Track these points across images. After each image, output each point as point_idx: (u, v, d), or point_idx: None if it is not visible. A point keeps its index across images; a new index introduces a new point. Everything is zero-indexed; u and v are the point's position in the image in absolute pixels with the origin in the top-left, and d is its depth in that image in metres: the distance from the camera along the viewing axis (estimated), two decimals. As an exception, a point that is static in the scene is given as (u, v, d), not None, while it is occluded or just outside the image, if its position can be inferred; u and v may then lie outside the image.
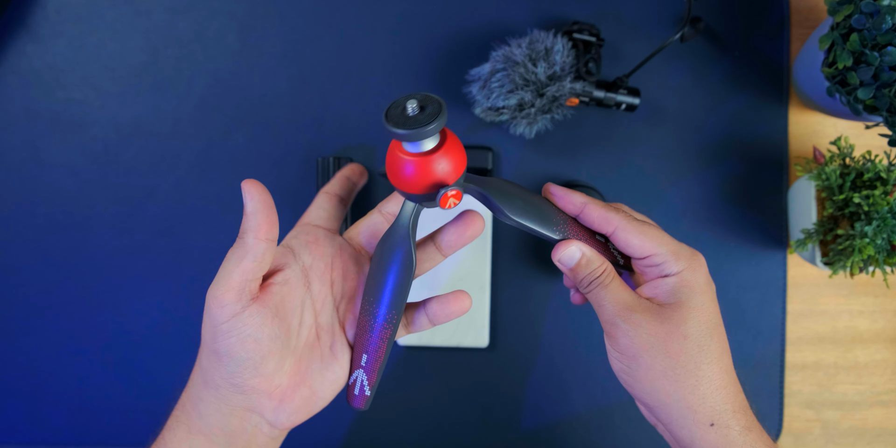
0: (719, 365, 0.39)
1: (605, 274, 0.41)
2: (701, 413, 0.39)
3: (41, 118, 0.66)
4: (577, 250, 0.41)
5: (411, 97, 0.34)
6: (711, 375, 0.39)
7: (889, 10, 0.50)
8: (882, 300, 0.68)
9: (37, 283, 0.66)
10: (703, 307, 0.39)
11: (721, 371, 0.39)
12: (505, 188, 0.41)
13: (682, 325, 0.39)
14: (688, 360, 0.38)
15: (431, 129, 0.33)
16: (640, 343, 0.39)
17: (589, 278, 0.41)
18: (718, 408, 0.39)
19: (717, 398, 0.39)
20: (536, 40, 0.60)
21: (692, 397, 0.39)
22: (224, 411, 0.38)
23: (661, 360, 0.38)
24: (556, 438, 0.66)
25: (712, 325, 0.39)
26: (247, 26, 0.66)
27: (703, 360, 0.39)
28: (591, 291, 0.41)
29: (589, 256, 0.41)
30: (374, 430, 0.66)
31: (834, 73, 0.55)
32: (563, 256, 0.41)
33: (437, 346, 0.65)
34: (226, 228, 0.66)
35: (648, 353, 0.38)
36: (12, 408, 0.66)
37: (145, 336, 0.66)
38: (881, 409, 0.68)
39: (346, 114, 0.66)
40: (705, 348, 0.39)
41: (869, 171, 0.59)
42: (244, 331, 0.37)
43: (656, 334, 0.38)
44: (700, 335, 0.39)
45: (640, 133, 0.66)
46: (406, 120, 0.34)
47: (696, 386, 0.39)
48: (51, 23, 0.66)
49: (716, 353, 0.39)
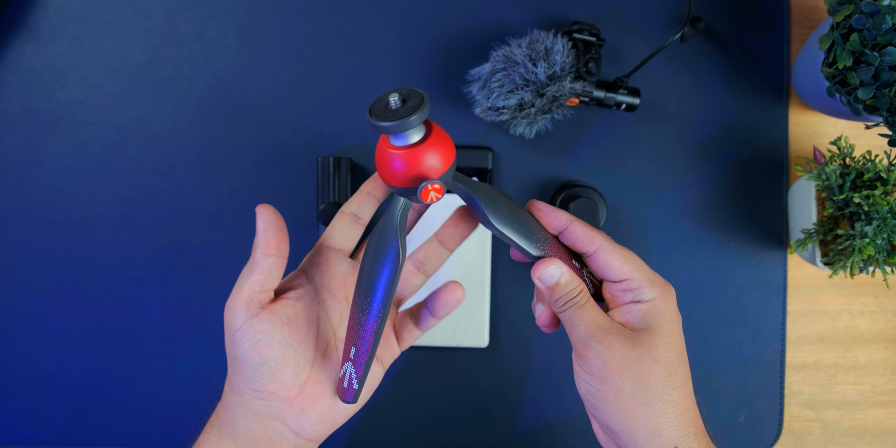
0: (684, 390, 0.41)
1: (581, 294, 0.41)
2: (666, 436, 0.40)
3: (41, 118, 0.66)
4: (558, 269, 0.41)
5: (394, 91, 0.35)
6: (677, 400, 0.40)
7: (889, 10, 0.50)
8: (882, 300, 0.68)
9: (37, 283, 0.66)
10: (672, 335, 0.41)
11: (686, 396, 0.41)
12: (493, 194, 0.41)
13: (654, 350, 0.40)
14: (657, 383, 0.39)
15: (412, 120, 0.33)
16: (612, 365, 0.39)
17: (566, 298, 0.41)
18: (682, 431, 0.40)
19: (680, 422, 0.40)
20: (536, 40, 0.60)
21: (658, 421, 0.39)
22: (249, 417, 0.41)
23: (631, 383, 0.39)
24: (555, 438, 0.66)
25: (679, 352, 0.41)
26: (247, 26, 0.66)
27: (670, 384, 0.40)
28: (566, 311, 0.41)
29: (568, 276, 0.41)
30: (375, 430, 0.66)
31: (834, 73, 0.55)
32: (544, 274, 0.41)
33: (437, 346, 0.65)
34: (226, 228, 0.66)
35: (619, 375, 0.39)
36: (12, 408, 0.66)
37: (145, 336, 0.66)
38: (881, 409, 0.68)
39: (346, 114, 0.66)
40: (673, 374, 0.40)
41: (869, 171, 0.59)
42: (255, 336, 0.39)
43: (628, 357, 0.39)
44: (669, 361, 0.40)
45: (640, 133, 0.66)
46: (387, 113, 0.34)
47: (662, 410, 0.40)
48: (51, 23, 0.66)
49: (682, 379, 0.41)
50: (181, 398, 0.66)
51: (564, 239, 0.42)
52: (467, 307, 0.65)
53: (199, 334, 0.66)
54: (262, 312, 0.40)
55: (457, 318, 0.65)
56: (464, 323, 0.65)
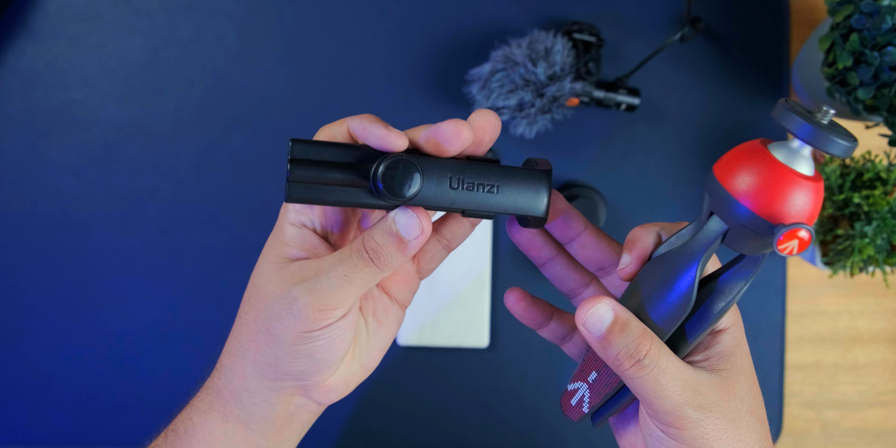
0: (769, 439, 0.34)
1: (654, 349, 0.31)
2: None
3: (41, 118, 0.66)
4: (609, 309, 0.31)
5: (824, 105, 0.28)
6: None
7: (889, 10, 0.50)
8: (882, 300, 0.68)
9: (37, 283, 0.66)
10: (752, 372, 0.34)
11: (769, 444, 0.34)
12: None
13: (746, 399, 0.32)
14: (754, 440, 0.32)
15: (854, 146, 0.27)
16: (713, 431, 0.31)
17: (631, 354, 0.31)
18: None
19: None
20: (536, 40, 0.60)
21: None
22: (272, 401, 0.36)
23: (732, 445, 0.32)
24: (555, 438, 0.66)
25: (759, 391, 0.34)
26: (247, 26, 0.66)
27: (762, 435, 0.33)
28: (640, 377, 0.31)
29: (624, 319, 0.31)
30: (375, 430, 0.66)
31: (834, 73, 0.55)
32: (589, 319, 0.31)
33: (437, 346, 0.65)
34: (226, 228, 0.66)
35: (720, 440, 0.31)
36: (12, 408, 0.66)
37: (145, 336, 0.66)
38: (881, 409, 0.68)
39: (346, 114, 0.66)
40: (763, 421, 0.33)
41: (869, 171, 0.59)
42: (336, 334, 0.34)
43: (728, 415, 0.32)
44: (759, 407, 0.33)
45: (640, 133, 0.66)
46: (821, 125, 0.27)
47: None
48: (51, 23, 0.66)
49: (766, 422, 0.34)
50: (181, 398, 0.66)
51: (575, 252, 0.36)
52: (467, 307, 0.65)
53: (199, 334, 0.66)
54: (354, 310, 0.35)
55: (457, 318, 0.65)
56: (464, 323, 0.65)
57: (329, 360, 0.35)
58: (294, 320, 0.34)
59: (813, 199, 0.28)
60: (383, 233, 0.33)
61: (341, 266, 0.34)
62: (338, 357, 0.35)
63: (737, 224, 0.29)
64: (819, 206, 0.29)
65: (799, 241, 0.27)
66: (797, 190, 0.28)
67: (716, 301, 0.32)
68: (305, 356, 0.35)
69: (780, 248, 0.28)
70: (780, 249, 0.28)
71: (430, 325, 0.65)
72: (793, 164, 0.28)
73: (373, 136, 0.34)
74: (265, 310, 0.35)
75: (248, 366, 0.36)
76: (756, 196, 0.28)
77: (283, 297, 0.34)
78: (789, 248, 0.28)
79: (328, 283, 0.33)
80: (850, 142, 0.27)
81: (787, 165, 0.28)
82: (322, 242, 0.37)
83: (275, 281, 0.35)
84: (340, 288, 0.33)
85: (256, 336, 0.36)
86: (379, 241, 0.33)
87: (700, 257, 0.31)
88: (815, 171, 0.29)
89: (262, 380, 0.36)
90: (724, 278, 0.32)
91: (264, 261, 0.36)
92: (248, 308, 0.36)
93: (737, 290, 0.32)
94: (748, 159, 0.28)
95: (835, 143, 0.27)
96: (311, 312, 0.33)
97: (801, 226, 0.27)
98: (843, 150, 0.27)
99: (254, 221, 0.66)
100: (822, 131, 0.27)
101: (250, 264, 0.39)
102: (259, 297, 0.36)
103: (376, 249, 0.33)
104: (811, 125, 0.27)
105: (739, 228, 0.29)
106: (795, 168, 0.28)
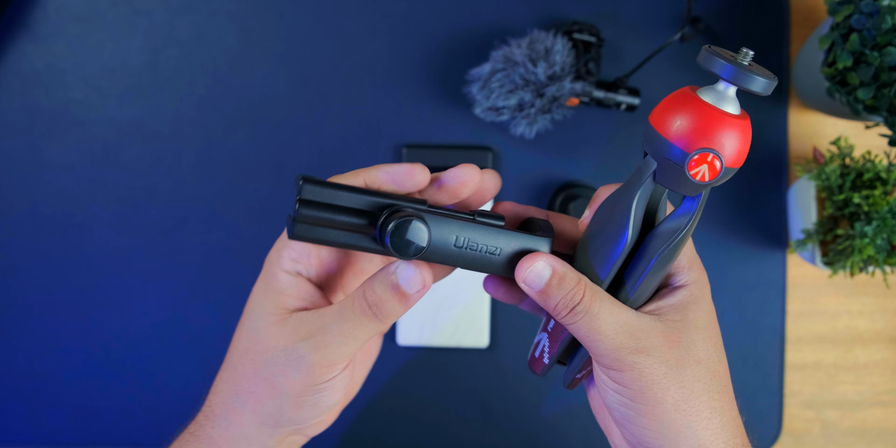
0: (728, 393, 0.34)
1: (587, 295, 0.32)
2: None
3: (41, 118, 0.66)
4: (546, 265, 0.33)
5: (743, 47, 0.30)
6: (724, 406, 0.34)
7: (889, 10, 0.50)
8: (882, 300, 0.68)
9: (37, 283, 0.66)
10: (711, 328, 0.34)
11: (730, 400, 0.34)
12: None
13: (693, 348, 0.33)
14: (702, 389, 0.33)
15: (773, 83, 0.29)
16: (651, 373, 0.32)
17: (567, 303, 0.32)
18: (730, 443, 0.34)
19: (729, 431, 0.34)
20: (536, 40, 0.60)
21: (706, 432, 0.33)
22: (270, 444, 0.37)
23: (673, 391, 0.32)
24: (555, 438, 0.66)
25: (720, 348, 0.34)
26: (247, 26, 0.66)
27: (715, 388, 0.33)
28: (577, 323, 0.32)
29: (561, 272, 0.33)
30: (375, 430, 0.66)
31: (834, 73, 0.55)
32: (529, 275, 0.33)
33: (437, 346, 0.65)
34: (226, 228, 0.66)
35: (660, 384, 0.32)
36: (12, 408, 0.66)
37: (145, 336, 0.66)
38: (881, 409, 0.68)
39: (346, 114, 0.66)
40: (716, 375, 0.34)
41: (869, 171, 0.59)
42: (338, 382, 0.35)
43: (668, 361, 0.32)
44: (711, 360, 0.33)
45: (640, 133, 0.66)
46: (741, 65, 0.29)
47: (710, 419, 0.33)
48: (51, 23, 0.66)
49: (724, 379, 0.34)
50: (181, 398, 0.66)
51: (556, 222, 0.36)
52: (467, 307, 0.65)
53: (199, 334, 0.66)
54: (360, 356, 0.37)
55: (457, 318, 0.65)
56: (464, 323, 0.65)
57: (330, 405, 0.36)
58: (300, 376, 0.34)
59: (737, 135, 0.29)
60: (385, 285, 0.33)
61: (345, 323, 0.34)
62: (337, 400, 0.36)
63: (662, 157, 0.30)
64: (747, 143, 0.30)
65: (709, 166, 0.29)
66: (719, 125, 0.29)
67: (652, 245, 0.33)
68: (310, 406, 0.35)
69: (691, 172, 0.29)
70: (693, 174, 0.29)
71: (430, 325, 0.65)
72: (719, 103, 0.30)
73: (398, 173, 0.34)
74: (267, 363, 0.35)
75: (246, 415, 0.36)
76: (680, 131, 0.29)
77: (287, 353, 0.34)
78: (700, 172, 0.29)
79: (333, 341, 0.34)
80: (771, 79, 0.29)
81: (712, 104, 0.30)
82: (317, 291, 0.37)
83: (276, 335, 0.35)
84: (345, 344, 0.34)
85: (256, 388, 0.36)
86: (380, 293, 0.33)
87: (633, 195, 0.32)
88: (742, 110, 0.30)
89: (262, 428, 0.36)
90: (663, 223, 0.33)
91: (259, 311, 0.36)
92: (245, 360, 0.36)
93: (675, 233, 0.32)
94: (675, 101, 0.30)
95: (755, 80, 0.28)
96: (318, 369, 0.34)
97: (710, 150, 0.29)
98: (764, 87, 0.29)
99: (254, 222, 0.66)
100: (742, 70, 0.28)
101: (250, 265, 0.39)
102: (259, 350, 0.35)
103: (378, 303, 0.33)
104: (733, 66, 0.28)
105: (664, 161, 0.30)
106: (721, 107, 0.30)
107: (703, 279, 0.35)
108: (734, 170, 0.30)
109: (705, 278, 0.35)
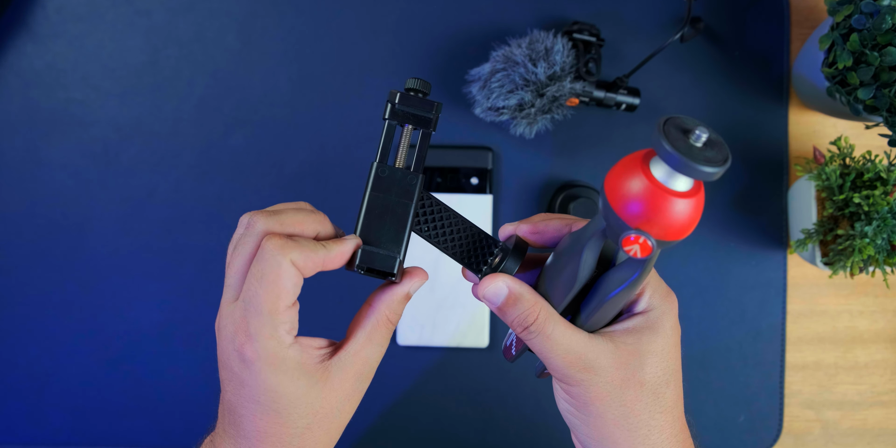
0: (672, 414, 0.37)
1: (540, 318, 0.35)
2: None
3: (41, 118, 0.66)
4: (504, 285, 0.35)
5: (700, 125, 0.28)
6: (663, 425, 0.37)
7: (889, 10, 0.50)
8: (882, 300, 0.68)
9: (37, 283, 0.66)
10: (663, 353, 0.36)
11: (673, 420, 0.37)
12: None
13: (640, 372, 0.35)
14: (642, 408, 0.36)
15: (720, 171, 0.28)
16: (595, 392, 0.35)
17: (521, 322, 0.35)
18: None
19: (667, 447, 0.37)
20: (536, 40, 0.60)
21: (642, 447, 0.36)
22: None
23: (614, 409, 0.36)
24: (555, 438, 0.66)
25: (670, 371, 0.36)
26: (247, 26, 0.66)
27: (657, 408, 0.36)
28: (529, 340, 0.36)
29: (517, 292, 0.35)
30: (374, 430, 0.66)
31: (834, 73, 0.55)
32: (488, 292, 0.36)
33: (437, 346, 0.65)
34: (226, 228, 0.66)
35: (602, 401, 0.35)
36: (12, 408, 0.66)
37: (145, 336, 0.66)
38: (881, 409, 0.68)
39: (346, 114, 0.66)
40: (660, 396, 0.36)
41: (869, 171, 0.59)
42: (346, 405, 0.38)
43: (612, 382, 0.35)
44: (657, 383, 0.36)
45: (640, 133, 0.66)
46: (691, 150, 0.28)
47: (647, 436, 0.36)
48: (51, 23, 0.66)
49: (671, 401, 0.37)
50: (181, 398, 0.66)
51: (535, 238, 0.38)
52: (467, 307, 0.65)
53: (200, 334, 0.66)
54: None
55: (457, 318, 0.65)
56: (464, 323, 0.65)
57: (336, 431, 0.38)
58: (287, 400, 0.35)
59: (679, 214, 0.29)
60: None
61: (380, 348, 0.37)
62: (343, 420, 0.38)
63: (609, 221, 0.31)
64: (693, 218, 0.30)
65: (641, 247, 0.30)
66: (658, 207, 0.29)
67: (604, 287, 0.35)
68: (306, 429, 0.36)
69: (625, 248, 0.30)
70: (626, 250, 0.30)
71: (430, 325, 0.65)
72: (668, 180, 0.29)
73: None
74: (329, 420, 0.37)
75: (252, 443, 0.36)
76: (623, 203, 0.30)
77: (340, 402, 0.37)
78: (632, 250, 0.30)
79: (351, 355, 0.37)
80: (719, 165, 0.28)
81: (660, 182, 0.29)
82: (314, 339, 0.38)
83: (337, 388, 0.37)
84: (361, 360, 0.37)
85: (298, 440, 0.36)
86: (397, 310, 0.37)
87: (584, 246, 0.34)
88: (695, 183, 0.30)
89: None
90: (616, 270, 0.35)
91: (279, 355, 0.35)
92: (308, 435, 0.36)
93: (624, 281, 0.34)
94: (626, 170, 0.30)
95: (698, 171, 0.27)
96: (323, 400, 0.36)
97: (641, 233, 0.29)
98: (708, 176, 0.28)
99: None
100: (686, 160, 0.27)
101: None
102: (325, 413, 0.36)
103: (392, 319, 0.37)
104: (678, 155, 0.27)
105: (611, 227, 0.31)
106: (668, 184, 0.29)
107: (664, 306, 0.37)
108: (676, 242, 0.30)
109: (669, 305, 0.37)
